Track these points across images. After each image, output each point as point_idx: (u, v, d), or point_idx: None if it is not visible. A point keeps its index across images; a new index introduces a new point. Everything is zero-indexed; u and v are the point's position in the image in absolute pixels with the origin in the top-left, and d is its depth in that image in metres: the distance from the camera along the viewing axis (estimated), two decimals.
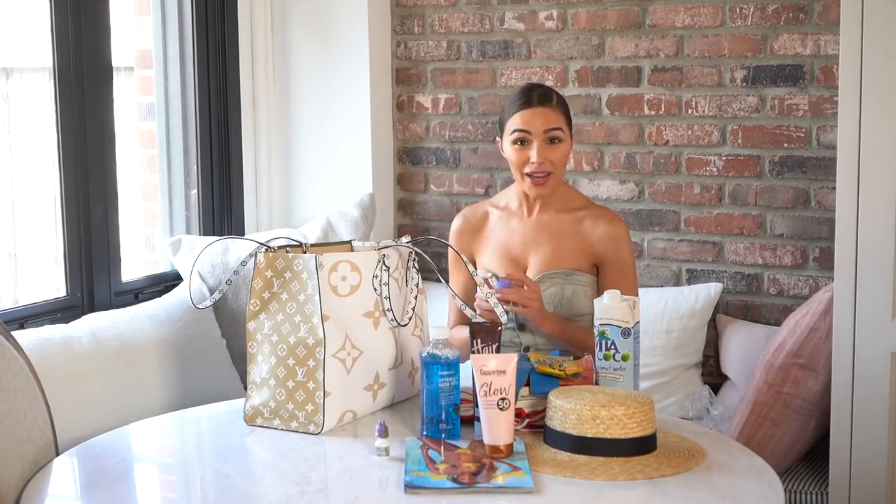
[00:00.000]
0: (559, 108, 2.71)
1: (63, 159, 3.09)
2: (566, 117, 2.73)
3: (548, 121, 2.68)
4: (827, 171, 3.36)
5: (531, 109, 2.69)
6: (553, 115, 2.69)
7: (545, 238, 2.76)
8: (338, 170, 3.83)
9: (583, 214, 2.76)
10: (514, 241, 2.79)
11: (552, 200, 2.78)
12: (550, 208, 2.78)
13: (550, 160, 2.68)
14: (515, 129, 2.70)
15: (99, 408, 2.76)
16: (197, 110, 3.62)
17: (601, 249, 2.72)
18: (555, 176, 2.71)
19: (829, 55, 3.32)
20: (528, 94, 2.72)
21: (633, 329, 2.36)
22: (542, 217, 2.78)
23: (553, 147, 2.69)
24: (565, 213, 2.77)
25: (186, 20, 3.60)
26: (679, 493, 1.99)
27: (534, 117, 2.68)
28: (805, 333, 2.97)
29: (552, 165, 2.68)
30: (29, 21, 3.20)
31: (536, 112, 2.69)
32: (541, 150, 2.68)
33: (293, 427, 2.33)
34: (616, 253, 2.72)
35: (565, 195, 2.80)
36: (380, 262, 2.39)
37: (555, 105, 2.71)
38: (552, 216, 2.77)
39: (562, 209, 2.78)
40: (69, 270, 3.12)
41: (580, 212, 2.77)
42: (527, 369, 2.30)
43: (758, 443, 2.97)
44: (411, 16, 3.86)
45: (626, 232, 2.76)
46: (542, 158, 2.67)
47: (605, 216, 2.76)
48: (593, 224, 2.74)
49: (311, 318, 2.31)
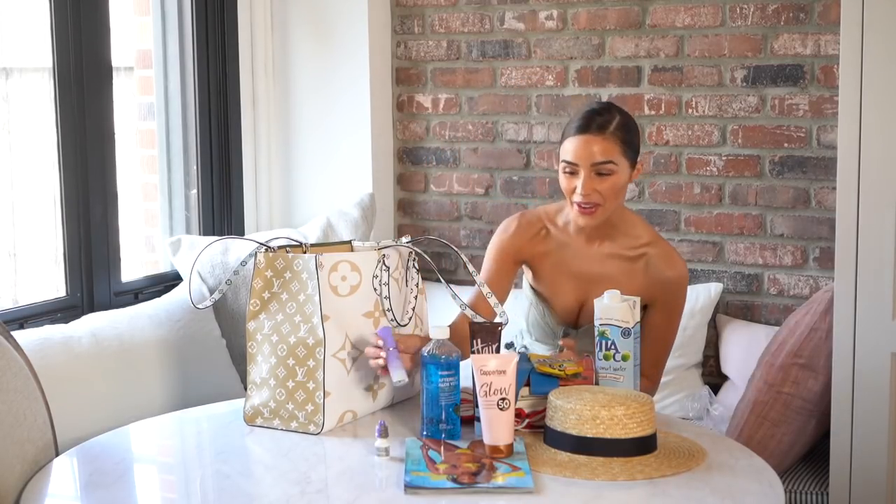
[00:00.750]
0: (614, 137, 2.50)
1: (63, 159, 3.09)
2: (623, 145, 2.51)
3: (596, 153, 2.49)
4: (827, 171, 3.35)
5: (581, 137, 2.50)
6: (604, 146, 2.49)
7: (606, 278, 2.59)
8: (338, 170, 3.83)
9: (646, 251, 2.60)
10: (572, 271, 2.64)
11: (614, 234, 2.62)
12: (612, 242, 2.62)
13: (599, 191, 2.50)
14: (564, 159, 2.53)
15: (99, 408, 2.76)
16: (197, 110, 3.62)
17: (658, 292, 2.59)
18: (604, 208, 2.52)
19: (830, 55, 3.32)
20: (583, 119, 2.53)
21: (633, 329, 2.36)
22: (602, 251, 2.62)
23: (602, 178, 2.50)
24: (628, 249, 2.61)
25: (186, 20, 3.60)
26: (679, 493, 1.99)
27: (582, 148, 2.49)
28: (805, 333, 2.97)
29: (601, 197, 2.50)
30: (29, 21, 3.20)
31: (586, 141, 2.49)
32: (587, 181, 2.49)
33: (293, 427, 2.33)
34: (671, 298, 2.60)
35: (628, 228, 2.63)
36: (380, 262, 2.39)
37: (609, 133, 2.50)
38: (614, 252, 2.62)
39: (625, 245, 2.62)
40: (69, 270, 3.12)
41: (643, 248, 2.61)
42: (527, 369, 2.30)
43: (758, 443, 2.97)
44: (411, 16, 3.86)
45: (686, 277, 2.62)
46: (589, 190, 2.49)
47: (671, 259, 2.60)
48: (655, 266, 2.59)
49: (311, 318, 2.31)
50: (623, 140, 2.52)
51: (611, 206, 2.54)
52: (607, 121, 2.52)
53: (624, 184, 2.54)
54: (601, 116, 2.52)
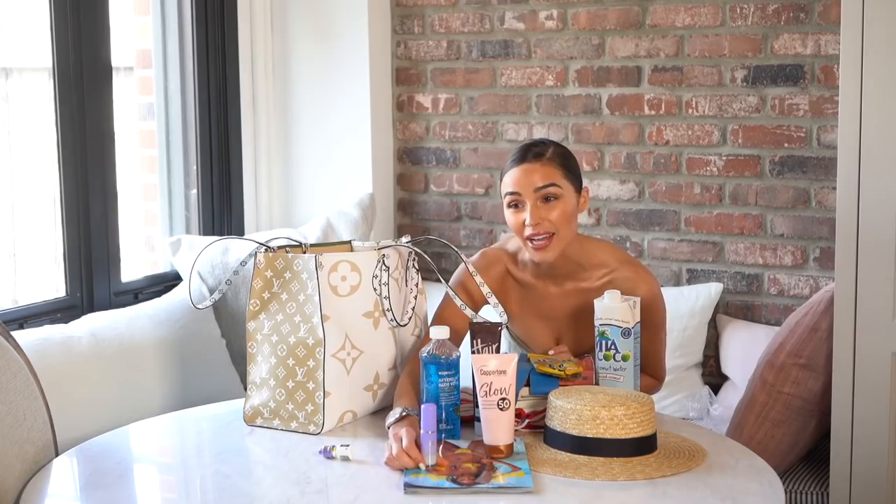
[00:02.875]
0: (551, 163, 2.44)
1: (63, 159, 3.09)
2: (563, 169, 2.45)
3: (537, 178, 2.42)
4: (827, 171, 3.35)
5: (520, 167, 2.44)
6: (543, 171, 2.43)
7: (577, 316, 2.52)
8: (338, 170, 3.83)
9: (610, 277, 2.50)
10: (539, 314, 2.57)
11: (574, 269, 2.52)
12: (572, 281, 2.53)
13: (549, 220, 2.42)
14: (506, 191, 2.46)
15: (99, 408, 2.76)
16: (197, 110, 3.62)
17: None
18: (558, 237, 2.43)
19: (830, 55, 3.32)
20: (519, 151, 2.48)
21: (633, 329, 2.36)
22: (567, 288, 2.53)
23: (549, 205, 2.43)
24: (593, 280, 2.51)
25: (186, 20, 3.60)
26: (679, 494, 1.99)
27: (522, 176, 2.43)
28: (805, 333, 2.97)
29: (552, 225, 2.42)
30: (29, 21, 3.20)
31: (525, 170, 2.43)
32: (534, 210, 2.41)
33: (293, 427, 2.33)
34: (649, 315, 2.49)
35: (589, 259, 2.53)
36: (379, 262, 2.39)
37: (546, 159, 2.45)
38: (579, 286, 2.52)
39: (588, 278, 2.52)
40: (69, 270, 3.12)
41: (607, 276, 2.50)
42: (527, 369, 2.30)
43: (758, 443, 2.97)
44: (411, 16, 3.86)
45: (657, 290, 2.53)
46: (538, 219, 2.41)
47: (635, 280, 2.50)
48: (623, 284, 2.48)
49: (311, 319, 2.31)
50: (562, 165, 2.46)
51: (564, 234, 2.45)
52: (542, 150, 2.47)
53: (573, 211, 2.46)
54: (536, 147, 2.48)
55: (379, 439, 2.26)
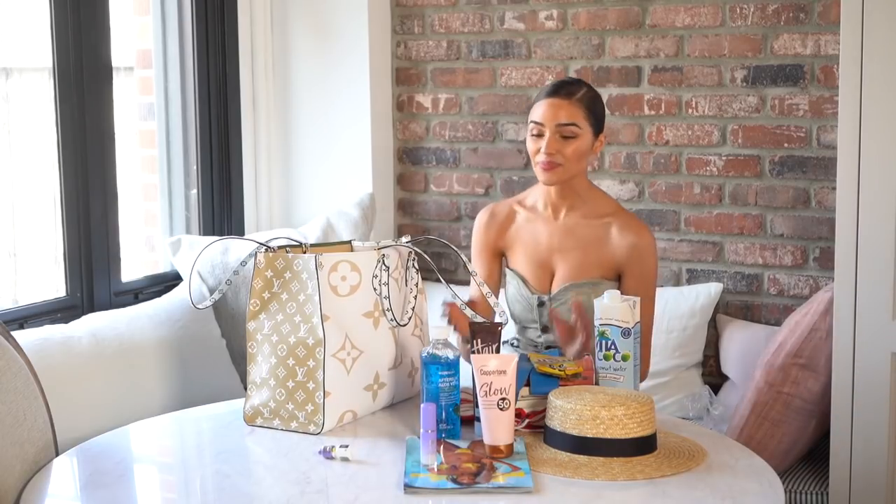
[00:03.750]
0: (579, 103, 2.64)
1: (63, 159, 3.09)
2: (587, 111, 2.65)
3: (561, 115, 2.63)
4: (827, 171, 3.35)
5: (549, 100, 2.65)
6: (570, 110, 2.63)
7: (572, 245, 2.71)
8: (338, 170, 3.83)
9: (610, 220, 2.70)
10: (541, 245, 2.75)
11: (579, 204, 2.72)
12: (577, 212, 2.73)
13: (562, 153, 2.63)
14: (531, 120, 2.67)
15: (99, 408, 2.76)
16: (197, 110, 3.62)
17: (625, 259, 2.68)
18: (564, 168, 2.64)
19: (830, 55, 3.32)
20: (553, 86, 2.68)
21: (633, 329, 2.36)
22: (568, 222, 2.73)
23: (566, 141, 2.63)
24: (593, 218, 2.71)
25: (186, 20, 3.60)
26: (679, 493, 1.99)
27: (549, 110, 2.64)
28: (805, 333, 2.97)
29: (563, 158, 2.63)
30: (29, 21, 3.20)
31: (552, 104, 2.64)
32: (551, 141, 2.63)
33: (293, 427, 2.33)
34: (639, 265, 2.68)
35: (593, 199, 2.74)
36: (379, 262, 2.39)
37: (575, 99, 2.64)
38: (579, 221, 2.72)
39: (589, 214, 2.72)
40: (69, 270, 3.12)
41: (608, 218, 2.71)
42: (527, 369, 2.30)
43: (758, 443, 2.97)
44: (411, 16, 3.86)
45: (653, 243, 2.70)
46: (552, 150, 2.63)
47: (633, 226, 2.70)
48: (620, 233, 2.68)
49: (311, 318, 2.31)
50: (588, 107, 2.66)
51: (571, 168, 2.65)
52: (574, 89, 2.67)
53: (586, 150, 2.67)
54: (570, 85, 2.68)
55: (379, 439, 2.27)
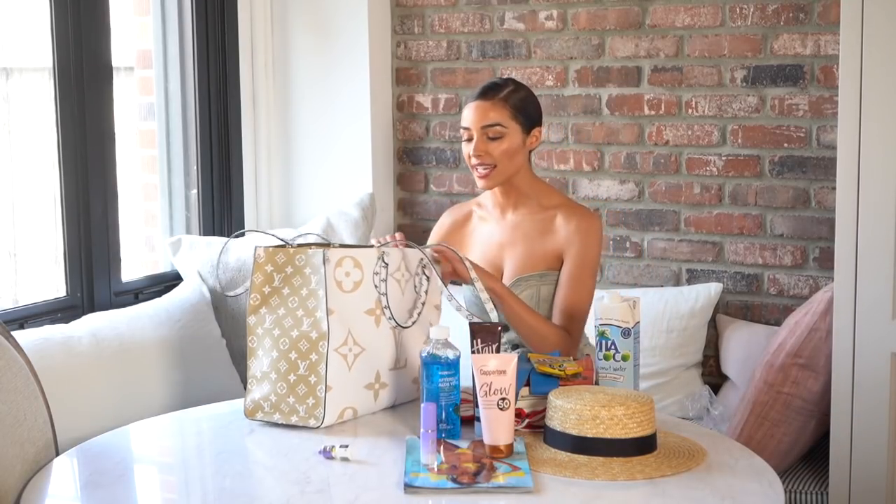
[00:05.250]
0: (502, 103, 2.66)
1: (63, 159, 3.09)
2: (512, 110, 2.66)
3: (484, 117, 2.65)
4: (827, 171, 3.36)
5: (473, 103, 2.68)
6: (493, 111, 2.65)
7: (518, 240, 2.72)
8: (338, 170, 3.83)
9: (555, 212, 2.71)
10: (491, 243, 2.77)
11: (524, 200, 2.74)
12: (523, 209, 2.74)
13: (490, 154, 2.65)
14: (461, 125, 2.70)
15: (99, 408, 2.76)
16: (197, 110, 3.62)
17: (566, 241, 2.67)
18: (497, 170, 2.66)
19: (830, 55, 3.32)
20: (478, 89, 2.70)
21: (633, 329, 2.36)
22: (514, 218, 2.74)
23: (493, 142, 2.65)
24: (539, 212, 2.72)
25: (186, 20, 3.60)
26: (679, 493, 1.99)
27: (473, 112, 2.67)
28: (805, 333, 2.97)
29: (492, 158, 2.65)
30: (29, 21, 3.21)
31: (476, 107, 2.66)
32: (478, 143, 2.65)
33: (293, 421, 2.33)
34: (579, 244, 2.66)
35: (537, 194, 2.74)
36: (379, 259, 2.39)
37: (498, 99, 2.66)
38: (525, 217, 2.73)
39: (535, 209, 2.73)
40: (69, 270, 3.12)
41: (552, 210, 2.71)
42: (527, 369, 2.30)
43: (758, 443, 2.97)
44: (411, 16, 3.86)
45: (598, 228, 2.69)
46: (480, 151, 2.65)
47: (579, 212, 2.70)
48: (564, 220, 2.69)
49: (315, 313, 2.31)
50: (513, 106, 2.67)
51: (504, 168, 2.67)
52: (499, 90, 2.68)
53: (516, 148, 2.67)
54: (494, 86, 2.70)
55: (379, 439, 2.27)
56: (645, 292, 3.47)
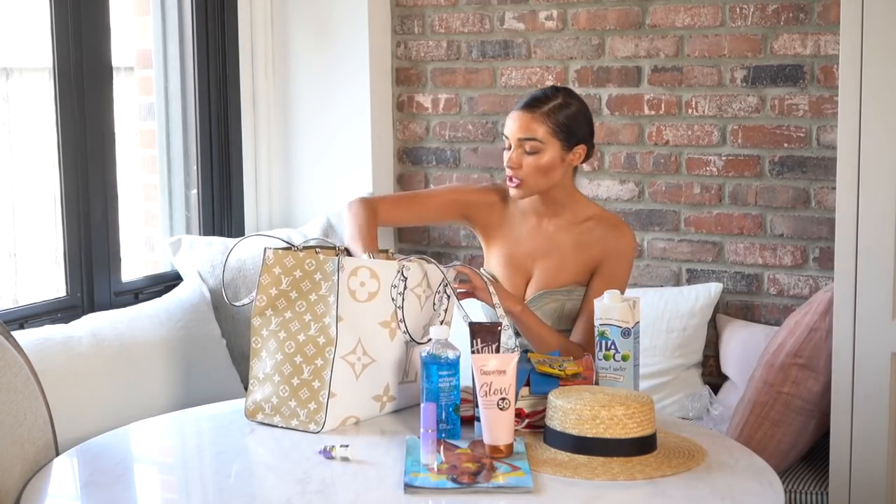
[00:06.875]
0: (544, 117, 2.60)
1: (63, 159, 3.09)
2: (553, 126, 2.60)
3: (523, 129, 2.60)
4: (827, 171, 3.36)
5: (515, 113, 2.63)
6: (531, 124, 2.60)
7: (551, 252, 2.68)
8: (338, 170, 3.83)
9: (592, 225, 2.67)
10: (520, 248, 2.72)
11: (560, 212, 2.69)
12: (559, 220, 2.70)
13: (522, 167, 2.60)
14: (502, 131, 2.68)
15: (99, 408, 2.76)
16: (197, 110, 3.62)
17: (600, 257, 2.64)
18: (528, 185, 2.62)
19: (829, 55, 3.32)
20: (525, 98, 2.65)
21: (633, 329, 2.36)
22: (549, 228, 2.70)
23: (530, 156, 2.60)
24: (574, 224, 2.68)
25: (186, 20, 3.60)
26: (679, 493, 1.99)
27: (513, 123, 2.62)
28: (805, 333, 2.97)
29: (523, 172, 2.60)
30: (29, 21, 3.21)
31: (517, 117, 2.62)
32: (514, 155, 2.61)
33: (293, 425, 2.32)
34: (613, 265, 2.64)
35: (574, 206, 2.70)
36: (398, 272, 2.37)
37: (541, 113, 2.60)
38: (560, 228, 2.69)
39: (572, 221, 2.69)
40: (69, 270, 3.12)
41: (589, 222, 2.68)
42: (527, 369, 2.30)
43: (758, 443, 2.97)
44: (411, 16, 3.86)
45: (631, 245, 2.67)
46: (513, 164, 2.61)
47: (613, 228, 2.67)
48: (600, 234, 2.66)
49: (323, 318, 2.31)
50: (555, 122, 2.60)
51: (535, 183, 2.62)
52: (545, 102, 2.62)
53: (551, 164, 2.61)
54: (542, 97, 2.63)
55: (379, 439, 2.27)
56: (645, 292, 3.47)
